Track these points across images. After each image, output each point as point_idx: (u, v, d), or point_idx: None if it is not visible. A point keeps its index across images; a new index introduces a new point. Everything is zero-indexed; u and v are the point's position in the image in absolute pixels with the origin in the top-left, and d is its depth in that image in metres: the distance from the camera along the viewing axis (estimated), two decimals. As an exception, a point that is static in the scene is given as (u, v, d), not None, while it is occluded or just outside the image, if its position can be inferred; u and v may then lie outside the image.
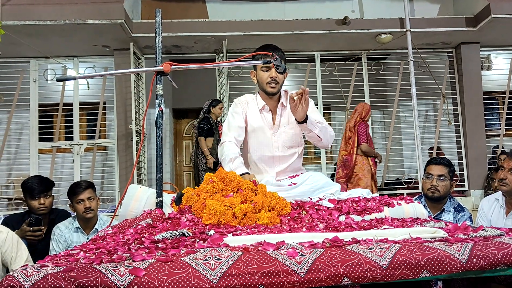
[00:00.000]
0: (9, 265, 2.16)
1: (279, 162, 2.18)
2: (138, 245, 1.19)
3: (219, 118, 4.95)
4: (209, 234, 1.31)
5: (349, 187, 4.57)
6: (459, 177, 5.41)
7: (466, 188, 5.47)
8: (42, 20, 4.44)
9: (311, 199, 1.85)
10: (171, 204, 1.86)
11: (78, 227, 2.84)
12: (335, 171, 5.62)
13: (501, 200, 2.43)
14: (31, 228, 2.61)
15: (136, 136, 4.99)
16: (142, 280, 0.91)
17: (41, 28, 4.54)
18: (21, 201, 2.84)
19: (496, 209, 2.44)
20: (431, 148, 5.94)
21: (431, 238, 1.17)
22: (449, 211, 2.54)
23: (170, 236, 1.30)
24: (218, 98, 5.13)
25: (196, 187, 1.84)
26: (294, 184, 1.94)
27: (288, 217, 1.62)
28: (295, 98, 1.89)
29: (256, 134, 2.19)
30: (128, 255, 1.05)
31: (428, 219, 1.72)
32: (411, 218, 1.65)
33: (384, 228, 1.37)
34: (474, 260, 1.03)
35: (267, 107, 2.18)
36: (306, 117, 1.96)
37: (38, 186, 2.75)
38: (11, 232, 2.22)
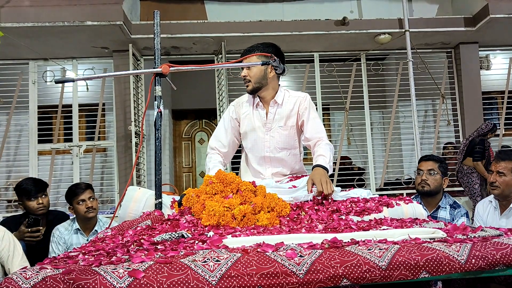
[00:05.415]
0: (6, 263, 2.17)
1: (270, 163, 2.15)
2: (137, 247, 1.19)
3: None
4: (208, 236, 1.31)
5: None
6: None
7: (465, 188, 5.47)
8: (41, 21, 4.43)
9: (310, 200, 1.85)
10: (171, 205, 1.86)
11: (77, 228, 2.85)
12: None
13: (494, 202, 2.51)
14: (29, 229, 2.61)
15: (136, 137, 4.98)
16: (141, 282, 0.91)
17: (40, 30, 4.53)
18: (20, 203, 2.86)
19: (491, 210, 2.52)
20: (448, 143, 5.90)
21: (430, 239, 1.17)
22: (445, 208, 2.57)
23: (169, 237, 1.30)
24: (491, 123, 5.10)
25: None
26: (295, 187, 1.93)
27: (288, 218, 1.62)
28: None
29: (249, 134, 2.17)
30: (127, 257, 1.05)
31: (427, 219, 1.72)
32: (410, 219, 1.65)
33: (383, 229, 1.37)
34: (473, 260, 1.03)
35: (261, 104, 2.16)
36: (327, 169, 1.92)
37: (34, 186, 2.78)
38: (7, 231, 2.24)
